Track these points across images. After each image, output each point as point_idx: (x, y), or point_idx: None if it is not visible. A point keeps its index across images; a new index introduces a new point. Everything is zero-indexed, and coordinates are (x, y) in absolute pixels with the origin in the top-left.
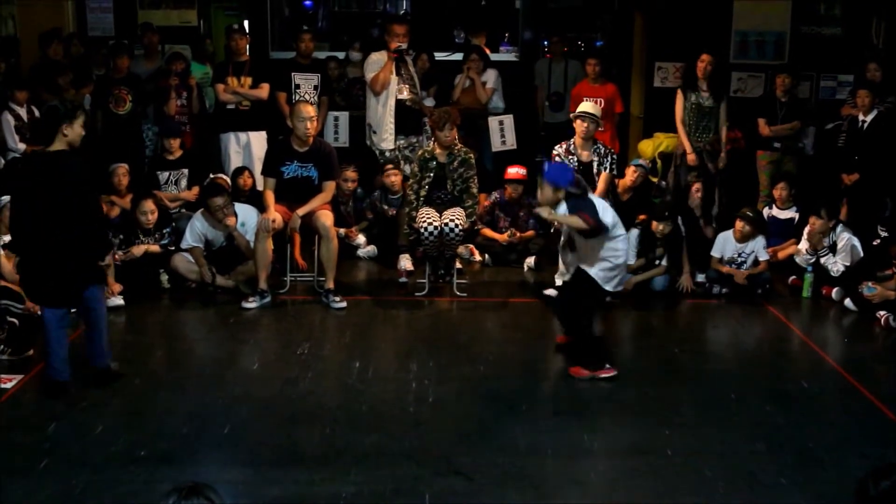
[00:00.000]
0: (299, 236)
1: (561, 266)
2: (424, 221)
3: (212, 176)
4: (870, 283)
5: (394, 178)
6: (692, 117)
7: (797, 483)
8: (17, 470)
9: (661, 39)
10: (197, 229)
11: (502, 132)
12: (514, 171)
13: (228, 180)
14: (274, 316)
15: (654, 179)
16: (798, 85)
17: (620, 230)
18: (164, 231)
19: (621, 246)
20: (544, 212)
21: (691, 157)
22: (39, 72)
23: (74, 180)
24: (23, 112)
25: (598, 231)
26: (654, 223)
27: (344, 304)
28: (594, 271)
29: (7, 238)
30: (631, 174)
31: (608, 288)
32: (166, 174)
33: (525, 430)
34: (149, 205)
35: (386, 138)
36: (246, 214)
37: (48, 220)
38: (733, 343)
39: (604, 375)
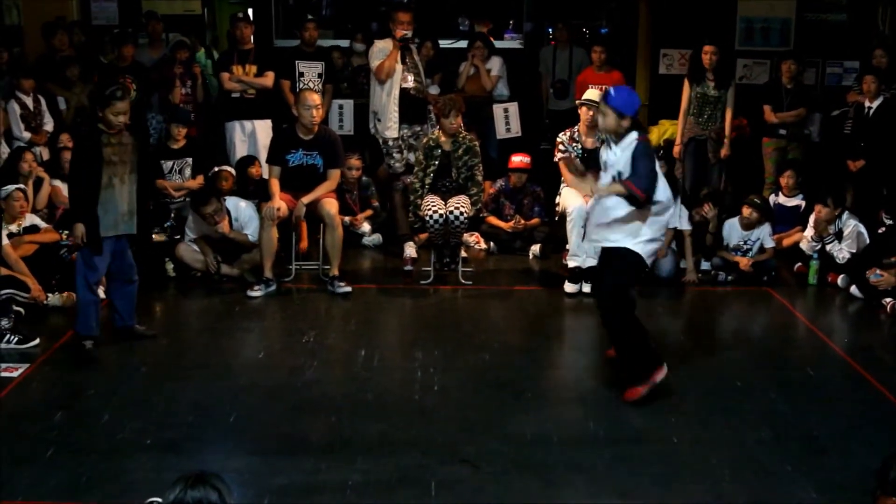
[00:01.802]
0: (305, 224)
1: (574, 246)
2: (429, 209)
3: (216, 168)
4: (877, 270)
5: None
6: (697, 106)
7: (803, 471)
8: (23, 459)
9: (667, 27)
10: (194, 227)
11: (507, 120)
12: (518, 160)
13: (233, 171)
14: (279, 304)
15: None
16: (804, 72)
17: (667, 200)
18: (166, 225)
19: (664, 219)
20: (585, 187)
21: (677, 150)
22: (46, 64)
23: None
24: (29, 101)
25: (647, 202)
26: None
27: (349, 289)
28: (637, 244)
29: (13, 228)
30: None
31: (649, 262)
32: (170, 163)
33: (530, 418)
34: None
35: (390, 126)
36: (236, 209)
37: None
38: (739, 330)
39: (659, 378)
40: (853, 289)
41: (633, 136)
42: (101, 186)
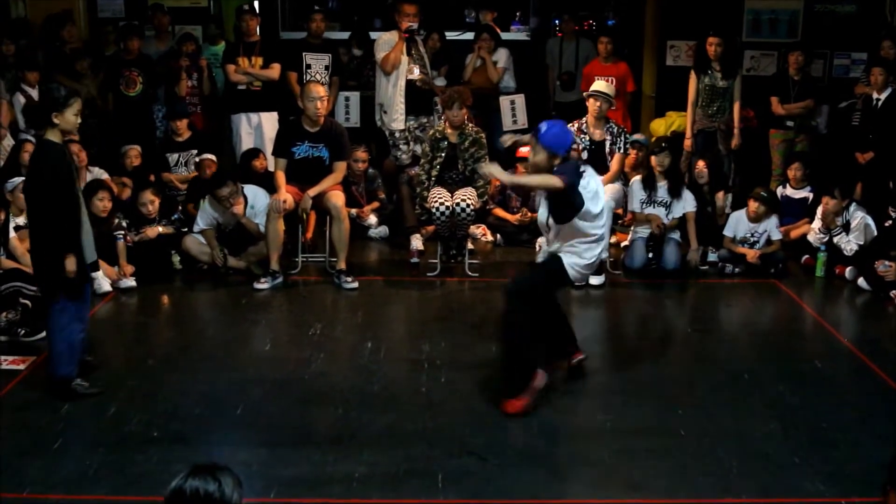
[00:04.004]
0: (315, 214)
1: (542, 240)
2: (436, 202)
3: (197, 158)
4: (886, 262)
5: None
6: (706, 98)
7: (811, 463)
8: (31, 450)
9: (674, 18)
10: (208, 213)
11: (513, 112)
12: (526, 150)
13: (214, 159)
14: (286, 297)
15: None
16: (811, 63)
17: (598, 224)
18: (173, 218)
19: (596, 249)
20: (497, 172)
21: (687, 143)
22: (56, 57)
23: (48, 174)
24: (34, 93)
25: (568, 202)
26: (653, 158)
27: (356, 285)
28: (566, 254)
29: (20, 220)
30: (632, 153)
31: (573, 278)
32: (176, 156)
33: (537, 411)
34: (148, 195)
35: (396, 118)
36: (255, 196)
37: (30, 209)
38: (746, 323)
39: (539, 384)
40: (861, 281)
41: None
42: (80, 206)
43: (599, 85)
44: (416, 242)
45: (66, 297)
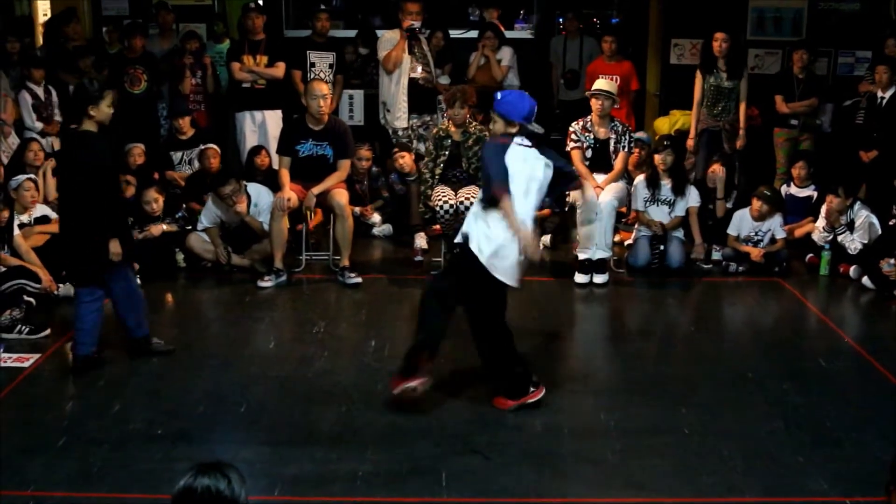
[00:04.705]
0: (321, 212)
1: (584, 238)
2: (440, 200)
3: (202, 147)
4: (891, 260)
5: (401, 161)
6: (711, 98)
7: (815, 462)
8: (34, 449)
9: (678, 16)
10: (212, 211)
11: None
12: None
13: (217, 149)
14: (289, 295)
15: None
16: (815, 61)
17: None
18: (177, 216)
19: (504, 230)
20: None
21: (690, 143)
22: (59, 54)
23: (92, 162)
24: (40, 91)
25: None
26: (656, 156)
27: (359, 280)
28: (476, 232)
29: (24, 218)
30: (635, 152)
31: (497, 275)
32: (180, 154)
33: (541, 409)
34: (151, 194)
35: (399, 117)
36: (258, 194)
37: (68, 199)
38: (750, 321)
39: (532, 400)
40: (865, 279)
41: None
42: (120, 191)
43: (601, 83)
44: (420, 241)
45: (92, 282)
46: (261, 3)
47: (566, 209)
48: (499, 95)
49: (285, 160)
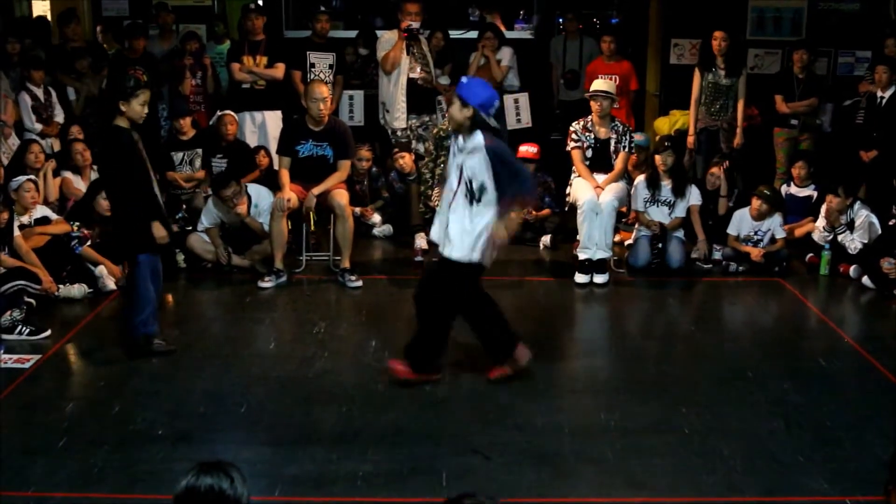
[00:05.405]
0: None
1: (585, 238)
2: (440, 200)
3: (219, 113)
4: (890, 260)
5: (402, 162)
6: (709, 96)
7: (815, 461)
8: (35, 449)
9: (677, 16)
10: (212, 212)
11: (517, 110)
12: (525, 150)
13: (235, 116)
14: (290, 295)
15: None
16: (815, 61)
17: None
18: (177, 217)
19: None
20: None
21: (690, 140)
22: (58, 55)
23: (118, 155)
24: (40, 92)
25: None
26: (656, 156)
27: (360, 283)
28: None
29: (24, 219)
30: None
31: (475, 257)
32: (180, 154)
33: (542, 409)
34: None
35: (398, 117)
36: (259, 195)
37: (109, 191)
38: (750, 321)
39: (523, 362)
40: (865, 279)
41: (479, 138)
42: (152, 181)
43: (598, 84)
44: (421, 241)
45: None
46: (261, 3)
47: (566, 209)
48: (464, 79)
49: (285, 160)
